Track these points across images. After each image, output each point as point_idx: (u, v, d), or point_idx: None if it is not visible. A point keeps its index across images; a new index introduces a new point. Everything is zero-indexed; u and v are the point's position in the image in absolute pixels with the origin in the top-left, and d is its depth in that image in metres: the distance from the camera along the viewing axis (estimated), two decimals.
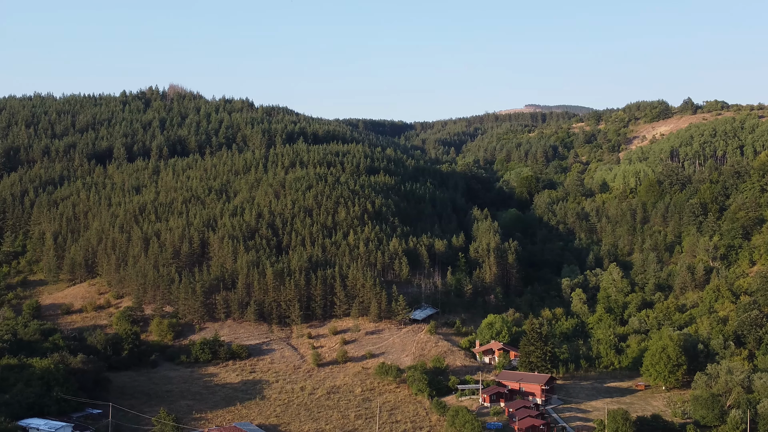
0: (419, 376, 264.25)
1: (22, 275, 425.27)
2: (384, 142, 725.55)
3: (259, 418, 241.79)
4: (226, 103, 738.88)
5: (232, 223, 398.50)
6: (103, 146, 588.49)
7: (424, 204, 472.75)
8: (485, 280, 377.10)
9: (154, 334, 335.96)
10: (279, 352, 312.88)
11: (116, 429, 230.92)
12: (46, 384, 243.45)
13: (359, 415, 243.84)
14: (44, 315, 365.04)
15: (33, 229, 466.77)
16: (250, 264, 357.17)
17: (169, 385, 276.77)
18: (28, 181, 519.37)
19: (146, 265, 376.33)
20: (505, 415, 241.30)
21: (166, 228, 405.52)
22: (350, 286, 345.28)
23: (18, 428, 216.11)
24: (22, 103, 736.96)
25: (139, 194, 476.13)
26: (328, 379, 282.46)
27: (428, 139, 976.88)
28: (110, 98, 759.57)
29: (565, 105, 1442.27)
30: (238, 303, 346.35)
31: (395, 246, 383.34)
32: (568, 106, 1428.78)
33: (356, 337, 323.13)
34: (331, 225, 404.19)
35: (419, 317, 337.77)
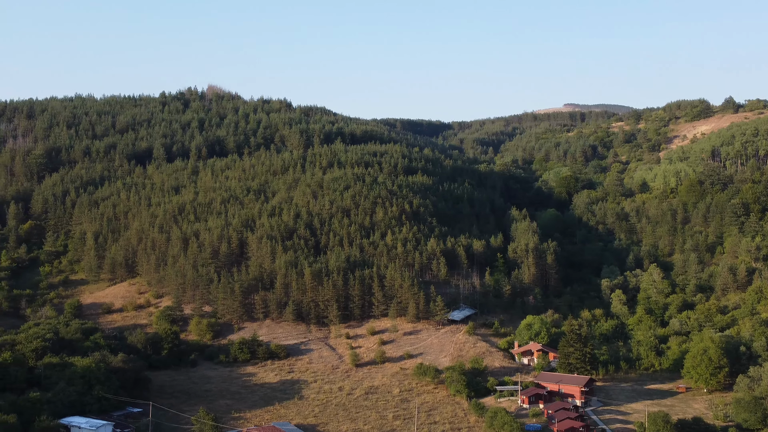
0: (457, 377, 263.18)
1: (63, 275, 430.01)
2: (422, 141, 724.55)
3: (297, 418, 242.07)
4: (264, 104, 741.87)
5: (271, 224, 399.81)
6: (142, 147, 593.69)
7: (462, 204, 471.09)
8: (524, 281, 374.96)
9: (193, 333, 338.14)
10: (317, 352, 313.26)
11: (156, 428, 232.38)
12: (88, 383, 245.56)
13: (397, 415, 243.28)
14: (85, 314, 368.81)
15: (74, 229, 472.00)
16: (289, 264, 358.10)
17: (208, 385, 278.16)
18: (69, 181, 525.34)
19: (185, 264, 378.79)
20: (544, 416, 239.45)
21: (205, 228, 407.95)
22: (388, 287, 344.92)
23: (60, 426, 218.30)
24: (63, 104, 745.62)
25: (179, 194, 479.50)
26: (366, 379, 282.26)
27: (466, 138, 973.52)
28: (150, 99, 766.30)
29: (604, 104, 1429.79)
30: (277, 303, 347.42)
31: (433, 246, 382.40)
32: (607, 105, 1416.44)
33: (394, 337, 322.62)
34: (368, 225, 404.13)
35: (457, 318, 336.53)
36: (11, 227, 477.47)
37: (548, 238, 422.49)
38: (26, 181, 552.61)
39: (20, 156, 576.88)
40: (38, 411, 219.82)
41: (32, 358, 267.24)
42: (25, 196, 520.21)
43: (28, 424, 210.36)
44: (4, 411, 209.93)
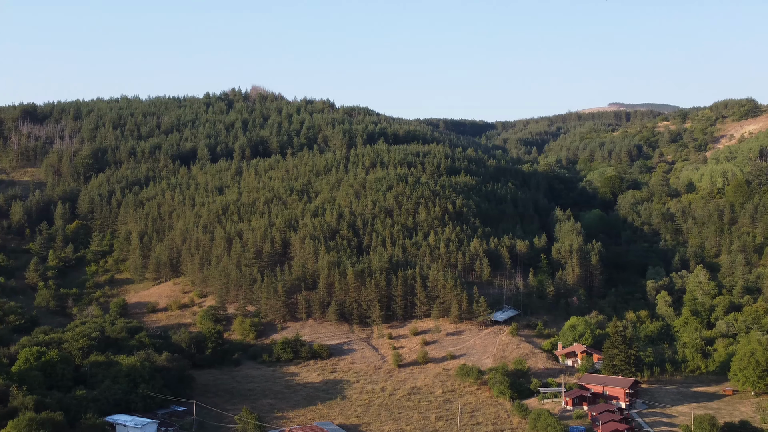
0: (501, 378, 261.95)
1: (109, 274, 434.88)
2: (465, 141, 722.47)
3: (340, 418, 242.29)
4: (307, 104, 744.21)
5: (314, 224, 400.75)
6: (187, 147, 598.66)
7: (506, 204, 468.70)
8: (568, 282, 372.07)
9: (236, 332, 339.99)
10: (360, 353, 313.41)
11: (200, 426, 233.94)
12: (133, 381, 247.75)
13: (440, 416, 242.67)
14: (130, 313, 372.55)
15: (120, 228, 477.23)
16: (331, 264, 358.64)
17: (252, 384, 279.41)
18: (115, 181, 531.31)
19: (229, 264, 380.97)
20: (588, 419, 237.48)
21: (248, 228, 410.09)
22: (431, 287, 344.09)
23: (106, 424, 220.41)
24: (109, 105, 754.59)
25: (222, 195, 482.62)
26: (408, 379, 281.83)
27: (510, 138, 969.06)
28: (194, 100, 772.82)
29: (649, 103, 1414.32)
30: (319, 303, 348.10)
31: (476, 247, 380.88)
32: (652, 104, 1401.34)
33: (437, 338, 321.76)
34: (411, 225, 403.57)
35: (500, 319, 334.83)
36: (58, 227, 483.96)
37: (592, 238, 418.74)
38: (73, 181, 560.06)
39: (67, 157, 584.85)
40: (84, 409, 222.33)
41: (79, 357, 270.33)
42: (72, 196, 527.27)
43: (74, 422, 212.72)
44: (52, 408, 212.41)
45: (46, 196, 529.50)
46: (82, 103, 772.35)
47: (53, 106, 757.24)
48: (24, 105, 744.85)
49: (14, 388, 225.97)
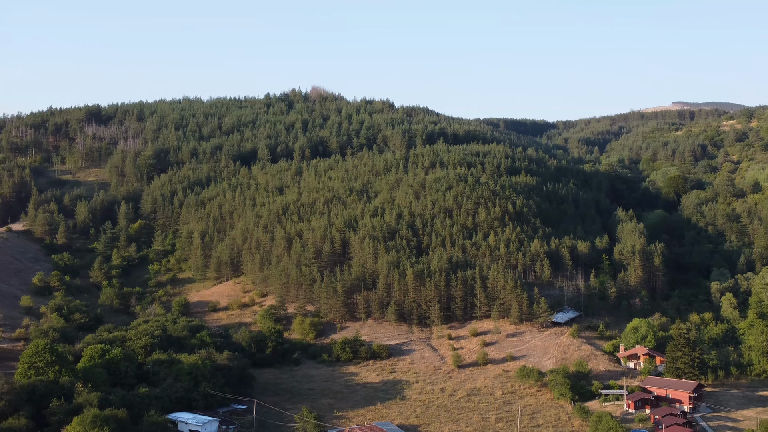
0: (561, 380, 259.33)
1: (171, 273, 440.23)
2: (525, 141, 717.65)
3: (399, 418, 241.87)
4: (366, 104, 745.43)
5: (373, 224, 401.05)
6: (247, 148, 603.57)
7: (567, 204, 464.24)
8: (630, 283, 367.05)
9: (296, 332, 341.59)
10: (419, 353, 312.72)
11: (260, 425, 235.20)
12: (194, 379, 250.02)
13: (500, 418, 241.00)
14: (192, 312, 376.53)
15: (182, 228, 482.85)
16: (391, 264, 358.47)
17: (311, 383, 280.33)
18: (177, 181, 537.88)
19: (289, 264, 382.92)
20: (651, 422, 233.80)
21: (308, 228, 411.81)
22: (490, 288, 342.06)
23: (168, 421, 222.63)
24: (171, 106, 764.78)
25: (282, 195, 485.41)
26: (468, 380, 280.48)
27: (571, 138, 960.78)
28: (254, 101, 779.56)
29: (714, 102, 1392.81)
30: (379, 303, 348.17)
31: (537, 247, 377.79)
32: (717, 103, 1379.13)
33: (497, 339, 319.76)
34: (471, 226, 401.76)
35: (561, 320, 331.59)
36: (122, 227, 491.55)
37: (655, 239, 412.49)
38: (136, 181, 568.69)
39: (130, 157, 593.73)
40: (147, 406, 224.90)
41: (141, 355, 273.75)
42: (135, 196, 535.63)
43: (137, 419, 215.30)
44: (115, 405, 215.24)
45: (110, 196, 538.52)
46: (145, 104, 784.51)
47: (117, 107, 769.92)
48: (89, 107, 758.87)
49: (79, 385, 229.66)
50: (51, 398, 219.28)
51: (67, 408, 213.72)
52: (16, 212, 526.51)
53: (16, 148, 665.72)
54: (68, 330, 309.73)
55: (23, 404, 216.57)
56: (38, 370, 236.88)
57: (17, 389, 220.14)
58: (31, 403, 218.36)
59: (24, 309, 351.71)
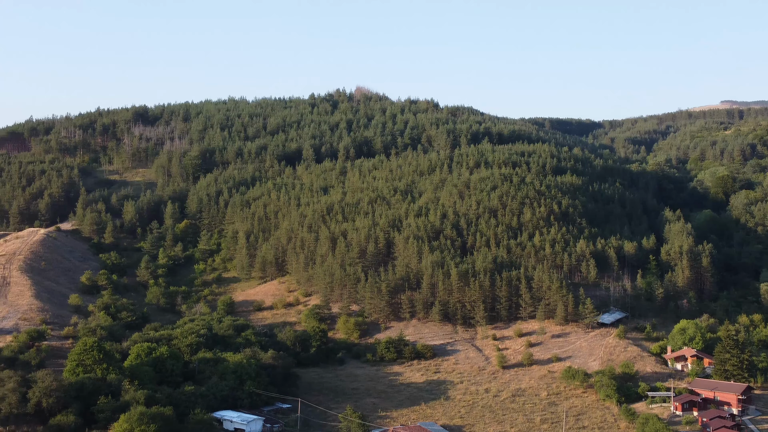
0: (607, 382, 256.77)
1: (216, 272, 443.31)
2: (571, 141, 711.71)
3: (443, 419, 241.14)
4: (411, 104, 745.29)
5: (417, 224, 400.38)
6: (292, 148, 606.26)
7: (613, 205, 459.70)
8: (677, 284, 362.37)
9: (340, 332, 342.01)
10: (463, 353, 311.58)
11: (305, 424, 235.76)
12: (239, 378, 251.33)
13: (545, 419, 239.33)
14: (237, 311, 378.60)
15: (227, 228, 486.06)
16: (435, 264, 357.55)
17: (356, 383, 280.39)
18: (222, 181, 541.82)
19: (333, 264, 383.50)
20: (698, 424, 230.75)
21: (352, 228, 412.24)
22: (536, 288, 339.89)
23: (213, 419, 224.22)
24: (217, 107, 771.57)
25: (327, 194, 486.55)
26: (513, 381, 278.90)
27: (617, 137, 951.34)
28: (299, 101, 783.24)
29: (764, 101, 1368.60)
30: (423, 303, 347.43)
31: (582, 248, 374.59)
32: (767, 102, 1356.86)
33: (542, 339, 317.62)
34: (516, 226, 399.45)
35: (607, 321, 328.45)
36: (168, 226, 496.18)
37: (703, 240, 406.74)
38: (182, 181, 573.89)
39: (176, 157, 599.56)
40: (193, 404, 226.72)
41: (187, 353, 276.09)
42: (181, 196, 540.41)
43: (183, 417, 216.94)
44: (162, 403, 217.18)
45: (156, 196, 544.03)
46: (191, 105, 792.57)
47: (163, 108, 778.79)
48: (136, 107, 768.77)
49: (126, 383, 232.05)
50: (99, 396, 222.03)
51: (115, 405, 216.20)
52: (65, 212, 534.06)
53: (65, 149, 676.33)
54: (115, 328, 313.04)
55: (71, 401, 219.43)
56: (86, 368, 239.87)
57: (66, 387, 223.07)
58: (80, 401, 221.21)
59: (72, 307, 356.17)
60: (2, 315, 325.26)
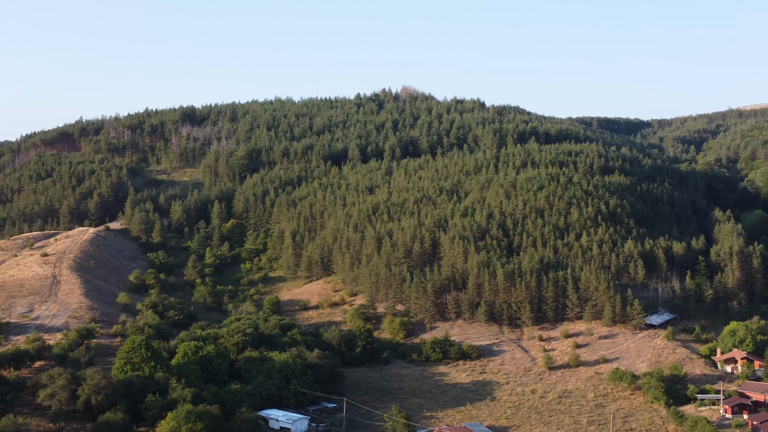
0: (655, 384, 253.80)
1: (263, 272, 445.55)
2: (619, 140, 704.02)
3: (489, 420, 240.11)
4: (457, 104, 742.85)
5: (463, 224, 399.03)
6: (338, 147, 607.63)
7: (662, 205, 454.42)
8: (727, 285, 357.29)
9: (386, 331, 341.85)
10: (509, 354, 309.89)
11: (350, 423, 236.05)
12: (285, 377, 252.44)
13: (592, 420, 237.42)
14: (283, 310, 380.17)
15: (273, 227, 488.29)
16: (481, 264, 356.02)
17: (401, 383, 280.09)
18: (269, 181, 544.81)
19: (379, 264, 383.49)
20: (749, 428, 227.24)
21: (398, 228, 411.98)
22: (583, 289, 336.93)
23: (259, 418, 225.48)
24: (263, 107, 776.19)
25: (373, 194, 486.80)
26: (559, 382, 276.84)
27: (666, 136, 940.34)
28: (345, 101, 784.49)
29: None
30: (469, 303, 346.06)
31: (630, 248, 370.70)
32: None
33: (589, 341, 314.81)
34: (563, 226, 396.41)
35: (656, 322, 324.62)
36: (215, 226, 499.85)
37: (754, 240, 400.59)
38: (229, 181, 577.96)
39: (223, 157, 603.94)
40: (239, 403, 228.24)
41: (234, 352, 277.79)
42: (227, 195, 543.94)
43: (229, 415, 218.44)
44: (208, 401, 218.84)
45: (203, 196, 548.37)
46: (237, 105, 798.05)
47: (211, 108, 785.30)
48: (183, 108, 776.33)
49: (173, 381, 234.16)
50: (146, 393, 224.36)
51: (162, 403, 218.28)
52: (114, 211, 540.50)
53: (114, 149, 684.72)
54: (163, 327, 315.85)
55: (120, 399, 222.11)
56: (134, 366, 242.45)
57: (114, 384, 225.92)
58: (128, 398, 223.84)
59: (121, 306, 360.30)
60: (53, 313, 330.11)
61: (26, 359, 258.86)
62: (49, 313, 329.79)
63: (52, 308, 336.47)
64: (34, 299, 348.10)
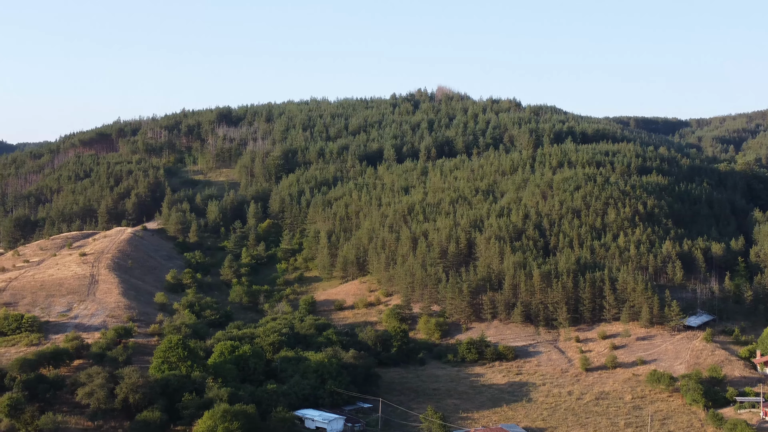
0: (694, 386, 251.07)
1: (298, 272, 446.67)
2: (656, 140, 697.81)
3: (525, 421, 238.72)
4: (493, 104, 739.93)
5: (499, 224, 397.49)
6: (373, 148, 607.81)
7: (700, 205, 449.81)
8: (767, 287, 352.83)
9: (421, 332, 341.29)
10: (546, 355, 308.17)
11: (385, 424, 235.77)
12: (321, 377, 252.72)
13: (629, 423, 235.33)
14: (318, 310, 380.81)
15: (309, 227, 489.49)
16: (517, 265, 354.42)
17: (436, 383, 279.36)
18: (304, 181, 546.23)
19: (414, 264, 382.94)
20: None
21: (433, 228, 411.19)
22: (620, 290, 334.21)
23: (295, 418, 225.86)
24: (299, 107, 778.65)
25: (408, 194, 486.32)
26: (596, 384, 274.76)
27: (704, 136, 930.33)
28: (380, 101, 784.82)
29: None
30: (505, 304, 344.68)
31: (668, 249, 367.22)
32: None
33: (626, 342, 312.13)
34: (600, 227, 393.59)
35: (694, 324, 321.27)
36: (251, 226, 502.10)
37: None
38: (265, 181, 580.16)
39: (259, 158, 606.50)
40: (275, 402, 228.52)
41: (269, 352, 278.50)
42: (263, 196, 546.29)
43: (265, 415, 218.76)
44: (244, 401, 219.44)
45: (239, 196, 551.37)
46: (273, 105, 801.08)
47: (246, 109, 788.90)
48: (219, 108, 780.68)
49: (210, 380, 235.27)
50: (183, 392, 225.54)
51: (199, 402, 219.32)
52: (151, 211, 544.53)
53: (151, 149, 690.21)
54: (199, 326, 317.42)
55: (157, 397, 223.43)
56: (171, 365, 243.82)
57: (151, 383, 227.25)
58: (165, 397, 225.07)
59: (158, 305, 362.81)
60: (91, 312, 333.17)
61: (65, 358, 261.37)
62: (88, 312, 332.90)
63: (90, 307, 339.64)
64: (73, 298, 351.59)
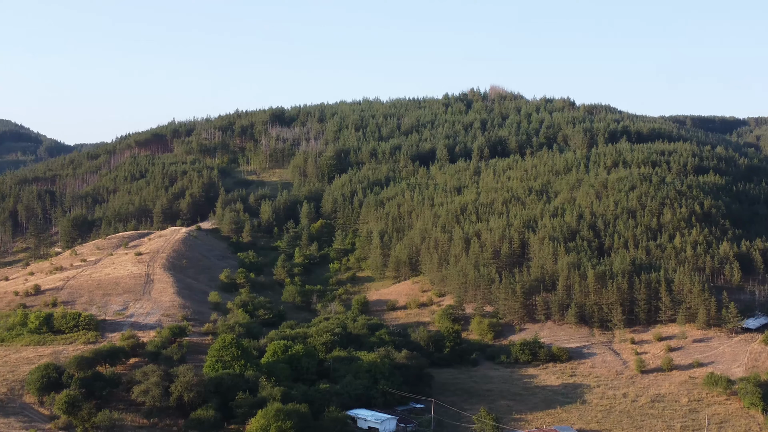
0: (752, 389, 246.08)
1: (351, 272, 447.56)
2: (713, 139, 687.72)
3: (579, 423, 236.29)
4: (546, 103, 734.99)
5: (553, 224, 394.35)
6: (426, 148, 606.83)
7: (759, 205, 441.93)
8: None
9: (474, 332, 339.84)
10: (600, 357, 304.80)
11: (438, 424, 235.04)
12: (373, 377, 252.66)
13: (685, 426, 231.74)
14: (371, 310, 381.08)
15: (361, 227, 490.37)
16: (571, 266, 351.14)
17: (489, 385, 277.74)
18: (357, 181, 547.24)
19: (467, 264, 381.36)
20: None
21: (486, 228, 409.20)
22: (676, 291, 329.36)
23: (347, 418, 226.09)
24: (351, 107, 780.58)
25: (461, 194, 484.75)
26: (651, 386, 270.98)
27: (763, 135, 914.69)
28: (433, 101, 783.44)
29: None
30: (558, 305, 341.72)
31: (726, 250, 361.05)
32: None
33: (682, 344, 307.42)
34: (655, 227, 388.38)
35: (752, 326, 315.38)
36: (304, 226, 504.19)
37: None
38: (317, 181, 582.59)
39: (312, 158, 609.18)
40: (327, 402, 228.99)
41: (322, 351, 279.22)
42: (316, 196, 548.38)
43: (318, 414, 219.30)
44: (297, 400, 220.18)
45: (292, 196, 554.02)
46: (326, 106, 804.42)
47: (299, 109, 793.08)
48: (273, 109, 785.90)
49: (263, 379, 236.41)
50: (236, 391, 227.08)
51: (252, 401, 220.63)
52: (205, 211, 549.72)
53: (205, 150, 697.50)
54: (253, 326, 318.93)
55: (211, 396, 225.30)
56: (225, 364, 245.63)
57: (205, 382, 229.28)
58: (218, 396, 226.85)
59: (212, 304, 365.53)
60: (146, 311, 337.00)
61: (121, 356, 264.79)
62: (143, 311, 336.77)
63: (145, 306, 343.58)
64: (129, 297, 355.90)
